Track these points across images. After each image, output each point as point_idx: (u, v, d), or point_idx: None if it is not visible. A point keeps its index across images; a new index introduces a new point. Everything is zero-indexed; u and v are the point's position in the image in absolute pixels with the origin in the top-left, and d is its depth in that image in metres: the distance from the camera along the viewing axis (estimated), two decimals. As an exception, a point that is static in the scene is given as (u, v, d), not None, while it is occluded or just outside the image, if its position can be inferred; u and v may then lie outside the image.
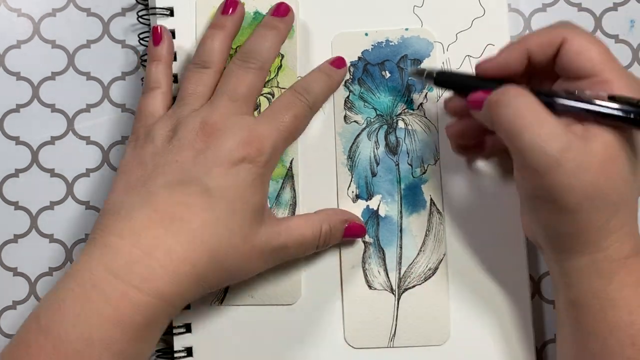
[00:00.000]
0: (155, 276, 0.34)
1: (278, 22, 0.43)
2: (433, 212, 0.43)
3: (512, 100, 0.34)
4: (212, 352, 0.43)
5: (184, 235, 0.35)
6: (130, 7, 0.48)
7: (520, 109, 0.33)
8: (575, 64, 0.34)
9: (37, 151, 0.47)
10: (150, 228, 0.35)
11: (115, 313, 0.33)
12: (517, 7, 0.46)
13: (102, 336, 0.33)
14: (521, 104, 0.33)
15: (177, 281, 0.35)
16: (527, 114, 0.33)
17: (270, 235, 0.39)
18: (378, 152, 0.44)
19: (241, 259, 0.37)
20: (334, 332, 0.43)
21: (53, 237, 0.46)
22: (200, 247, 0.35)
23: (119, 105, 0.47)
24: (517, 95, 0.34)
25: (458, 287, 0.43)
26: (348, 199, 0.43)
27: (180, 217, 0.36)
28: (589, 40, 0.34)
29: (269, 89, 0.44)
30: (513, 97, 0.34)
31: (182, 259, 0.35)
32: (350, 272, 0.43)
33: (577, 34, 0.34)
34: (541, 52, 0.35)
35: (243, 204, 0.37)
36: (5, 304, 0.46)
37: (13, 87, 0.47)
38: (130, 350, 0.34)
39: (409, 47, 0.44)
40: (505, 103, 0.34)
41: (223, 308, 0.43)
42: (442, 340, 0.42)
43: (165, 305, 0.35)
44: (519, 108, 0.33)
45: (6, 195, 0.47)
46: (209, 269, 0.36)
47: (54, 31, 0.48)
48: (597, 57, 0.33)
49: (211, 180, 0.37)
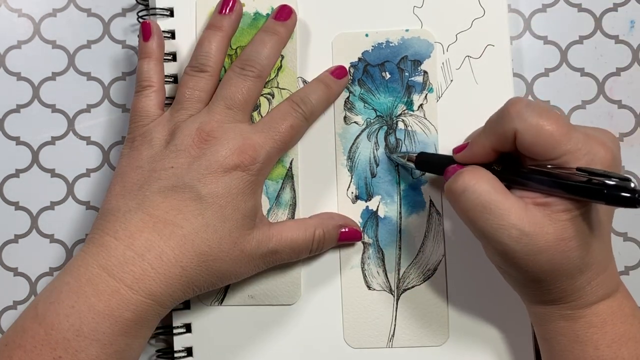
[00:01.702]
0: (146, 277, 0.36)
1: (279, 26, 0.43)
2: (432, 213, 0.43)
3: (466, 189, 0.34)
4: (212, 352, 0.43)
5: (175, 239, 0.37)
6: (130, 8, 0.48)
7: (473, 198, 0.34)
8: (531, 152, 0.34)
9: (38, 151, 0.47)
10: (144, 231, 0.37)
11: (106, 308, 0.35)
12: (517, 7, 0.46)
13: (92, 328, 0.34)
14: (474, 193, 0.34)
15: (167, 283, 0.36)
16: (480, 202, 0.33)
17: (260, 240, 0.39)
18: (378, 153, 0.44)
19: (231, 263, 0.38)
20: (333, 333, 0.43)
21: (53, 237, 0.46)
22: (190, 251, 0.37)
23: (119, 106, 0.47)
24: (472, 182, 0.34)
25: (457, 287, 0.43)
26: (347, 199, 0.44)
27: (173, 222, 0.37)
28: (539, 121, 0.33)
29: (269, 89, 0.44)
30: (467, 185, 0.34)
31: (172, 262, 0.36)
32: (350, 273, 0.43)
33: (525, 119, 0.33)
34: (502, 146, 0.35)
35: (234, 210, 0.38)
36: (5, 304, 0.46)
37: (13, 88, 0.47)
38: (119, 343, 0.35)
39: (409, 48, 0.44)
40: (460, 191, 0.34)
41: (223, 308, 0.44)
42: (441, 340, 0.42)
43: (155, 304, 0.36)
44: (472, 197, 0.34)
45: (7, 196, 0.47)
46: (198, 272, 0.37)
47: (55, 31, 0.48)
48: (550, 139, 0.33)
49: (204, 187, 0.38)
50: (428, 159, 0.41)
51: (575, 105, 0.46)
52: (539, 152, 0.33)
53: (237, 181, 0.39)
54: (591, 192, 0.31)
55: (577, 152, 0.33)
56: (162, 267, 0.36)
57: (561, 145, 0.33)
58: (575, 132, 0.33)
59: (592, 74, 0.46)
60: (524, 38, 0.46)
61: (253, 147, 0.39)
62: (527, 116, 0.33)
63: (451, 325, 0.43)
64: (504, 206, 0.33)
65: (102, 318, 0.35)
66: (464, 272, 0.43)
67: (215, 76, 0.42)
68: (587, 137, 0.33)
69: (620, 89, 0.46)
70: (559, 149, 0.33)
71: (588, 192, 0.31)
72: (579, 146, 0.33)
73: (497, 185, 0.34)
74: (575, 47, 0.46)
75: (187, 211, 0.37)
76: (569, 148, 0.33)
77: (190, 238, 0.37)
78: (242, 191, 0.39)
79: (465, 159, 0.37)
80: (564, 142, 0.33)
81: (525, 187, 0.34)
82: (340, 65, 0.44)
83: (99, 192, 0.47)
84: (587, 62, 0.46)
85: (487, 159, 0.36)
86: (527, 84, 0.46)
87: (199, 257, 0.37)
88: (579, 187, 0.32)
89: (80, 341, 0.34)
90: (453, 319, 0.43)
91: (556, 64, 0.46)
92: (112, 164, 0.47)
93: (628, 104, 0.46)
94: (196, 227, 0.37)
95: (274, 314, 0.43)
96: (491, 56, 0.44)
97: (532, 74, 0.46)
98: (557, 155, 0.33)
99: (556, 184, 0.33)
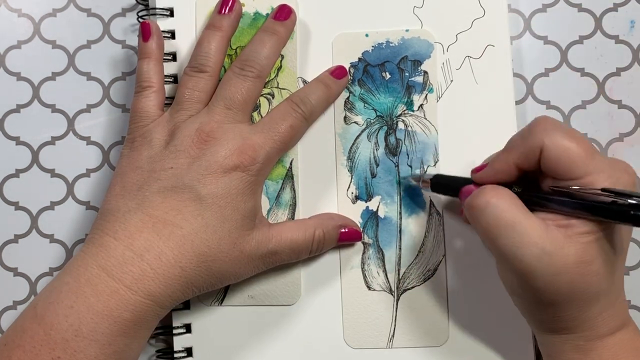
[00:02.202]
0: (145, 277, 0.36)
1: (279, 26, 0.43)
2: (432, 214, 0.43)
3: (488, 205, 0.34)
4: (212, 352, 0.43)
5: (174, 240, 0.37)
6: (130, 8, 0.48)
7: (496, 214, 0.33)
8: (556, 169, 0.33)
9: (38, 151, 0.47)
10: (143, 231, 0.37)
11: (105, 308, 0.35)
12: (517, 7, 0.46)
13: (90, 328, 0.34)
14: (496, 209, 0.33)
15: (166, 283, 0.36)
16: (503, 219, 0.33)
17: (260, 241, 0.39)
18: (378, 153, 0.44)
19: (230, 264, 0.38)
20: (333, 333, 0.43)
21: (53, 237, 0.46)
22: (189, 251, 0.37)
23: (119, 106, 0.47)
24: (493, 199, 0.34)
25: (457, 287, 0.43)
26: (348, 199, 0.44)
27: (172, 222, 0.37)
28: (565, 140, 0.33)
29: (269, 89, 0.44)
30: (489, 201, 0.34)
31: (172, 263, 0.36)
32: (350, 273, 0.43)
33: (552, 136, 0.33)
34: (526, 162, 0.35)
35: (233, 211, 0.38)
36: (5, 304, 0.46)
37: (13, 88, 0.47)
38: (118, 344, 0.35)
39: (409, 48, 0.44)
40: (482, 207, 0.34)
41: (223, 308, 0.44)
42: (441, 341, 0.42)
43: (154, 305, 0.36)
44: (494, 213, 0.33)
45: (6, 196, 0.47)
46: (198, 273, 0.37)
47: (55, 31, 0.48)
48: (576, 158, 0.33)
49: (203, 187, 0.38)
50: (444, 181, 0.40)
51: (575, 105, 0.46)
52: (564, 169, 0.33)
53: (237, 182, 0.39)
54: (617, 213, 0.31)
55: (602, 173, 0.32)
56: (162, 268, 0.36)
57: (586, 164, 0.32)
58: (599, 155, 0.33)
59: (592, 74, 0.46)
60: (524, 38, 0.46)
61: (253, 148, 0.39)
62: (555, 133, 0.33)
63: (451, 325, 0.43)
64: (525, 224, 0.33)
65: (101, 318, 0.34)
66: (464, 272, 0.43)
67: (215, 76, 0.42)
68: (611, 161, 0.33)
69: (620, 89, 0.46)
70: (584, 169, 0.32)
71: (613, 213, 0.31)
72: (603, 168, 0.32)
73: (518, 203, 0.34)
74: (575, 47, 0.46)
75: (187, 212, 0.37)
76: (593, 169, 0.32)
77: (189, 238, 0.37)
78: (242, 192, 0.39)
79: (486, 178, 0.37)
80: (589, 162, 0.32)
81: (547, 209, 0.34)
82: (340, 65, 0.44)
83: (98, 192, 0.47)
84: (587, 62, 0.46)
85: (509, 177, 0.36)
86: (527, 84, 0.46)
87: (199, 257, 0.37)
88: (604, 207, 0.31)
89: (79, 341, 0.34)
90: (453, 319, 0.43)
91: (556, 64, 0.46)
92: (112, 164, 0.47)
93: (628, 104, 0.46)
94: (196, 227, 0.37)
95: (274, 314, 0.43)
96: (491, 56, 0.44)
97: (532, 74, 0.46)
98: (580, 175, 0.33)
99: (580, 205, 0.32)
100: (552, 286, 0.33)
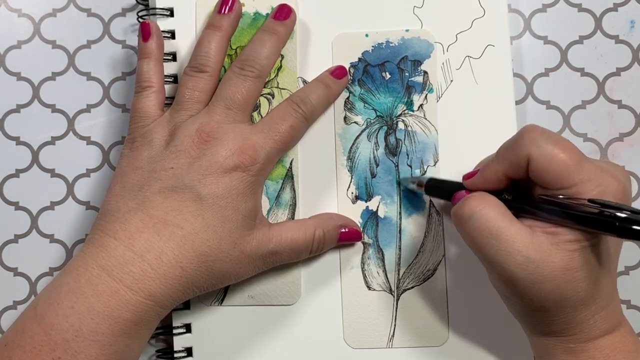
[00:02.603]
0: (146, 277, 0.36)
1: (278, 26, 0.43)
2: (432, 214, 0.43)
3: (473, 214, 0.34)
4: (212, 352, 0.43)
5: (175, 240, 0.37)
6: (130, 8, 0.48)
7: (480, 223, 0.34)
8: (544, 179, 0.33)
9: (38, 151, 0.47)
10: (144, 232, 0.36)
11: (105, 308, 0.35)
12: (517, 7, 0.46)
13: (91, 329, 0.34)
14: (481, 218, 0.34)
15: (167, 283, 0.36)
16: (487, 228, 0.33)
17: (260, 241, 0.39)
18: (378, 153, 0.44)
19: (231, 264, 0.38)
20: (333, 333, 0.43)
21: (53, 237, 0.46)
22: (190, 251, 0.37)
23: (119, 106, 0.47)
24: (478, 208, 0.34)
25: (457, 287, 0.43)
26: (347, 199, 0.44)
27: (173, 222, 0.37)
28: (552, 150, 0.33)
29: (269, 89, 0.44)
30: (474, 210, 0.34)
31: (172, 263, 0.36)
32: (350, 273, 0.43)
33: (539, 146, 0.33)
34: (514, 172, 0.35)
35: (234, 211, 0.38)
36: (5, 304, 0.46)
37: (13, 87, 0.47)
38: (118, 344, 0.35)
39: (409, 48, 0.44)
40: (467, 216, 0.34)
41: (223, 308, 0.44)
42: (441, 341, 0.43)
43: (154, 305, 0.36)
44: (478, 222, 0.34)
45: (6, 196, 0.47)
46: (198, 273, 0.37)
47: (55, 31, 0.48)
48: (563, 168, 0.32)
49: (204, 187, 0.38)
50: (437, 185, 0.40)
51: (575, 105, 0.46)
52: (551, 179, 0.33)
53: (237, 182, 0.39)
54: (602, 224, 0.31)
55: (589, 182, 0.32)
56: (162, 268, 0.36)
57: (574, 174, 0.32)
58: (588, 163, 0.33)
59: (592, 74, 0.46)
60: (524, 38, 0.46)
61: (253, 148, 0.39)
62: (542, 143, 0.33)
63: (451, 325, 0.43)
64: (510, 232, 0.33)
65: (102, 319, 0.34)
66: (463, 272, 0.43)
67: (215, 76, 0.42)
68: (599, 169, 0.33)
69: (620, 89, 0.46)
70: (571, 178, 0.32)
71: (599, 224, 0.31)
72: (591, 177, 0.32)
73: (503, 211, 0.34)
74: (575, 47, 0.46)
75: (187, 212, 0.37)
76: (581, 178, 0.32)
77: (190, 239, 0.37)
78: (242, 192, 0.39)
79: (476, 185, 0.37)
80: (577, 171, 0.32)
81: (535, 217, 0.34)
82: (340, 65, 0.44)
83: (99, 192, 0.47)
84: (587, 62, 0.46)
85: (498, 186, 0.36)
86: (527, 84, 0.46)
87: (199, 257, 0.37)
88: (590, 218, 0.31)
89: (80, 342, 0.34)
90: (453, 319, 0.43)
91: (556, 64, 0.46)
92: (112, 164, 0.47)
93: (628, 104, 0.46)
94: (196, 227, 0.37)
95: (274, 314, 0.43)
96: (491, 56, 0.44)
97: (532, 74, 0.46)
98: (568, 185, 0.32)
99: (566, 215, 0.32)
100: (539, 293, 0.33)
